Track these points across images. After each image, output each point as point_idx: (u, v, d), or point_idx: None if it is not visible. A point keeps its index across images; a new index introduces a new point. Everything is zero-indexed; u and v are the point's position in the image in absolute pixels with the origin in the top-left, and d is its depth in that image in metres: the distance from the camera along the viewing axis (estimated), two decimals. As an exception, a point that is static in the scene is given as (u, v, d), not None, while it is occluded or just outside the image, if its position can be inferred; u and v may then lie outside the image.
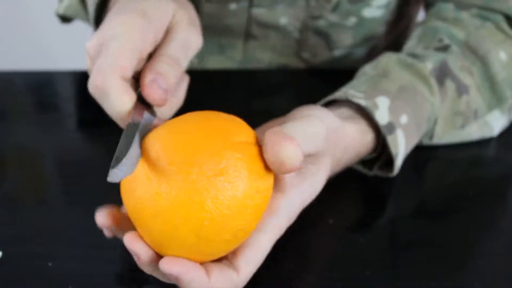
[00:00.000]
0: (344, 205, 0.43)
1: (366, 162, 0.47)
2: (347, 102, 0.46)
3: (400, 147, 0.44)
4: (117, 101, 0.36)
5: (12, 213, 0.45)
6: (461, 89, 0.49)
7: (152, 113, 0.37)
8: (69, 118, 0.56)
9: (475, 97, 0.50)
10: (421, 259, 0.41)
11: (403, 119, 0.45)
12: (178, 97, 0.43)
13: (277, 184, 0.36)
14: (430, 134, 0.49)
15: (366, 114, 0.45)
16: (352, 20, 0.62)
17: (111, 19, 0.39)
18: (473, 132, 0.51)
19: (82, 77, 0.64)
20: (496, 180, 0.50)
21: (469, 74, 0.49)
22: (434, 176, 0.50)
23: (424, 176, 0.50)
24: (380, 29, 0.65)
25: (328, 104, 0.46)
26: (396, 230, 0.45)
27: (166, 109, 0.41)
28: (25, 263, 0.40)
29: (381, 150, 0.46)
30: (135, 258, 0.33)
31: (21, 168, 0.50)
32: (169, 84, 0.37)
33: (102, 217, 0.35)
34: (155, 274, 0.34)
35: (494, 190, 0.49)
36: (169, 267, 0.31)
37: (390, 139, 0.44)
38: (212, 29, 0.64)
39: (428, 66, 0.48)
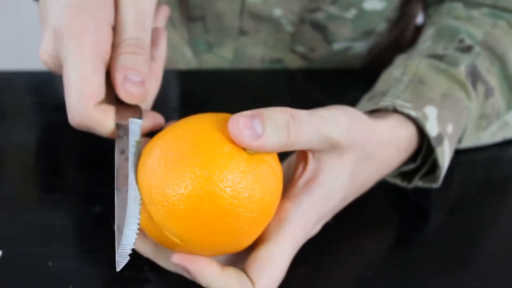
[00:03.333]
0: (345, 205, 0.42)
1: (403, 175, 0.46)
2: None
3: (446, 157, 0.43)
4: (102, 130, 0.35)
5: (12, 212, 0.45)
6: (488, 92, 0.48)
7: (136, 111, 0.36)
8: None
9: (498, 98, 0.49)
10: (422, 258, 0.41)
11: (449, 128, 0.43)
12: (160, 63, 0.42)
13: (285, 191, 0.36)
14: (460, 138, 0.48)
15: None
16: (352, 12, 0.61)
17: (54, 24, 0.36)
18: (494, 133, 0.50)
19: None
20: (502, 181, 0.50)
21: (493, 76, 0.49)
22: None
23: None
24: (381, 24, 0.64)
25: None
26: (396, 230, 0.45)
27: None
28: (25, 263, 0.40)
29: (422, 160, 0.45)
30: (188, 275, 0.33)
31: (21, 168, 0.50)
32: (141, 74, 0.36)
33: None
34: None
35: (495, 190, 0.49)
36: (179, 259, 0.32)
37: (439, 151, 0.42)
38: (202, 23, 0.63)
39: (462, 70, 0.46)
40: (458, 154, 0.50)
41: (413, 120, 0.43)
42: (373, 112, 0.44)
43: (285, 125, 0.32)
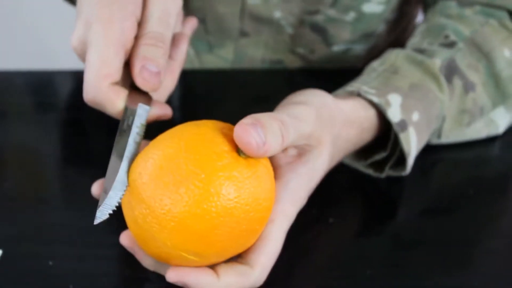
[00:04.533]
0: (344, 205, 0.43)
1: (376, 165, 0.47)
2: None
3: (412, 145, 0.44)
4: (112, 108, 0.38)
5: (12, 212, 0.45)
6: (468, 87, 0.49)
7: (147, 99, 0.39)
8: (69, 118, 0.56)
9: (481, 94, 0.50)
10: (422, 258, 0.41)
11: (415, 116, 0.45)
12: (178, 64, 0.45)
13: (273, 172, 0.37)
14: (438, 132, 0.49)
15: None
16: (351, 15, 0.61)
17: (87, 15, 0.39)
18: (480, 129, 0.51)
19: (82, 77, 0.64)
20: (497, 179, 0.50)
21: (475, 71, 0.49)
22: (434, 176, 0.50)
23: (425, 175, 0.50)
24: (380, 26, 0.64)
25: None
26: (396, 229, 0.45)
27: (161, 90, 0.43)
28: (25, 262, 0.40)
29: (391, 150, 0.46)
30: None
31: (21, 168, 0.50)
32: (159, 66, 0.38)
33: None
34: None
35: (494, 189, 0.49)
36: (173, 275, 0.33)
37: (402, 137, 0.44)
38: (203, 24, 0.64)
39: (437, 63, 0.48)
40: (457, 153, 0.50)
41: (375, 106, 0.45)
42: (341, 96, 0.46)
43: (279, 131, 0.34)
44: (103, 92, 0.37)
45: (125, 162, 0.34)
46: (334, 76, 0.63)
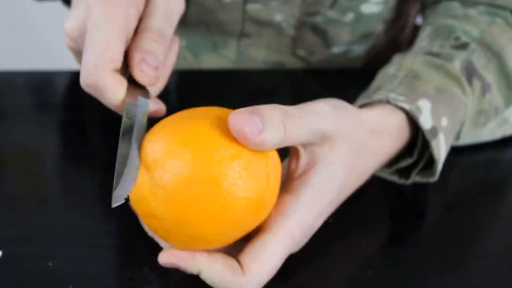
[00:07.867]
0: (344, 205, 0.42)
1: (400, 172, 0.46)
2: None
3: (442, 151, 0.43)
4: (112, 96, 0.36)
5: (12, 213, 0.45)
6: (485, 88, 0.48)
7: (145, 93, 0.37)
8: (69, 118, 0.56)
9: (496, 95, 0.49)
10: (422, 258, 0.41)
11: (444, 122, 0.43)
12: (169, 65, 0.44)
13: (284, 186, 0.36)
14: (458, 134, 0.49)
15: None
16: (350, 16, 0.61)
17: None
18: (493, 130, 0.50)
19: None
20: (502, 181, 0.50)
21: (490, 72, 0.49)
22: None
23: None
24: (378, 26, 0.64)
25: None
26: (396, 230, 0.45)
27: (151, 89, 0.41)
28: (25, 263, 0.40)
29: (418, 155, 0.45)
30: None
31: (21, 168, 0.50)
32: (158, 61, 0.37)
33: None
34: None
35: (496, 190, 0.49)
36: (167, 257, 0.33)
37: (434, 144, 0.42)
38: (205, 26, 0.64)
39: (457, 65, 0.47)
40: (457, 154, 0.50)
41: (405, 112, 0.43)
42: (366, 106, 0.44)
43: (281, 121, 0.32)
44: (105, 76, 0.36)
45: (135, 145, 0.33)
46: (335, 74, 0.63)
